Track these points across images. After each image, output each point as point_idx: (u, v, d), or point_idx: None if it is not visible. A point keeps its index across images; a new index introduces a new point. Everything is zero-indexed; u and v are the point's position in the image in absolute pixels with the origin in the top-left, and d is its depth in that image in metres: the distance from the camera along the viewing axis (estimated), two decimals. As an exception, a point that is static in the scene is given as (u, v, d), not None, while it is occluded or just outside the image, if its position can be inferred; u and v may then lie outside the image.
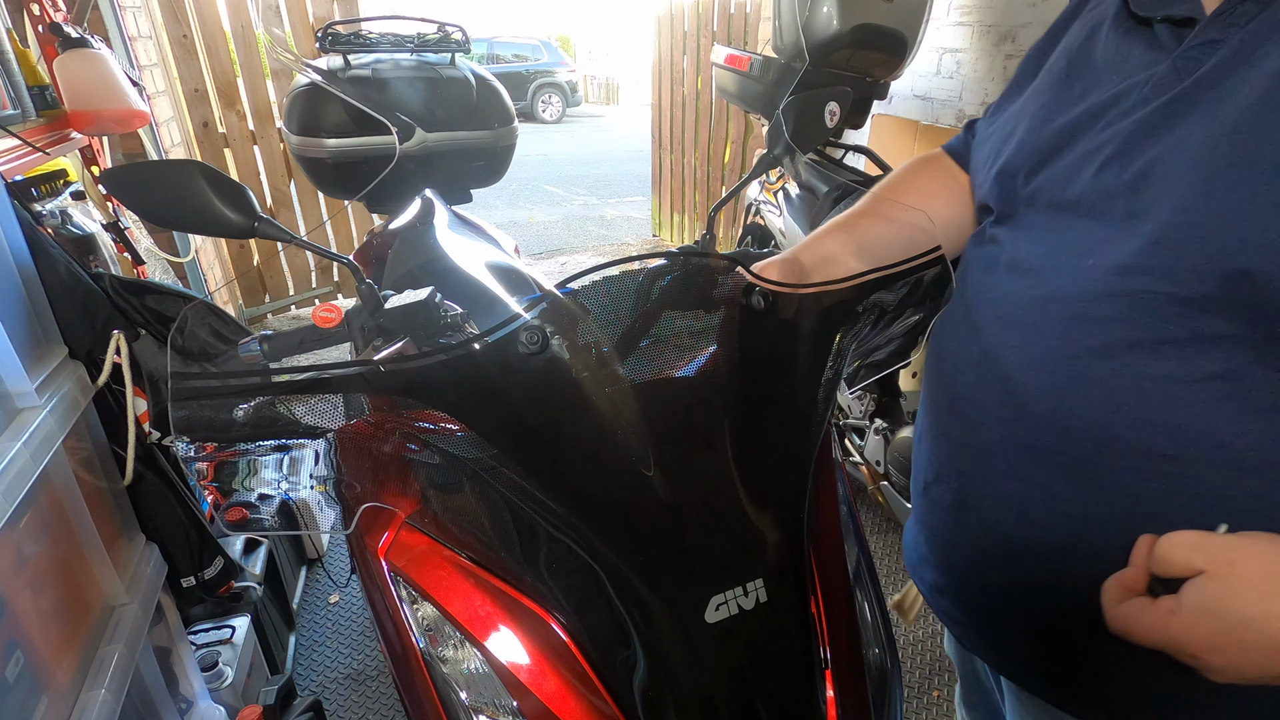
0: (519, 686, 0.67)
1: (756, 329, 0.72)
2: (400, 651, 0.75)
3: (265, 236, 0.77)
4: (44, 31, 1.67)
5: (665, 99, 4.57)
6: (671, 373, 0.73)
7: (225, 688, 1.27)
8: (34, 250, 0.91)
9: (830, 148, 2.42)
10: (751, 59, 2.20)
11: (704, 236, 0.93)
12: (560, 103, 12.78)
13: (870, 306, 0.77)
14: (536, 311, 0.64)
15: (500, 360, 0.64)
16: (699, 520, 0.66)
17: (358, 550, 0.84)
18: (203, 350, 0.74)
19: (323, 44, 1.78)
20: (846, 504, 0.87)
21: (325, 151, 1.78)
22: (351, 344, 0.87)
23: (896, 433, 1.85)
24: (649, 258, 0.74)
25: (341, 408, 0.72)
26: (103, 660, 0.89)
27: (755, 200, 2.43)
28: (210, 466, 0.73)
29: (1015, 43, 2.24)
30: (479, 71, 1.95)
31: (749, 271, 0.71)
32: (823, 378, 0.74)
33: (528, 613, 0.70)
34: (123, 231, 1.75)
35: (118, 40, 2.26)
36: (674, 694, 0.64)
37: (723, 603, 0.64)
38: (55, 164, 1.52)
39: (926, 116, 2.65)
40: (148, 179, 0.74)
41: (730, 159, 4.08)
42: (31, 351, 0.85)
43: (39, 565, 0.83)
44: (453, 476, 0.76)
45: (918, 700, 1.64)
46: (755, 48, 3.50)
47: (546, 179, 7.45)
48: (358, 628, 1.83)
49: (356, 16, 3.22)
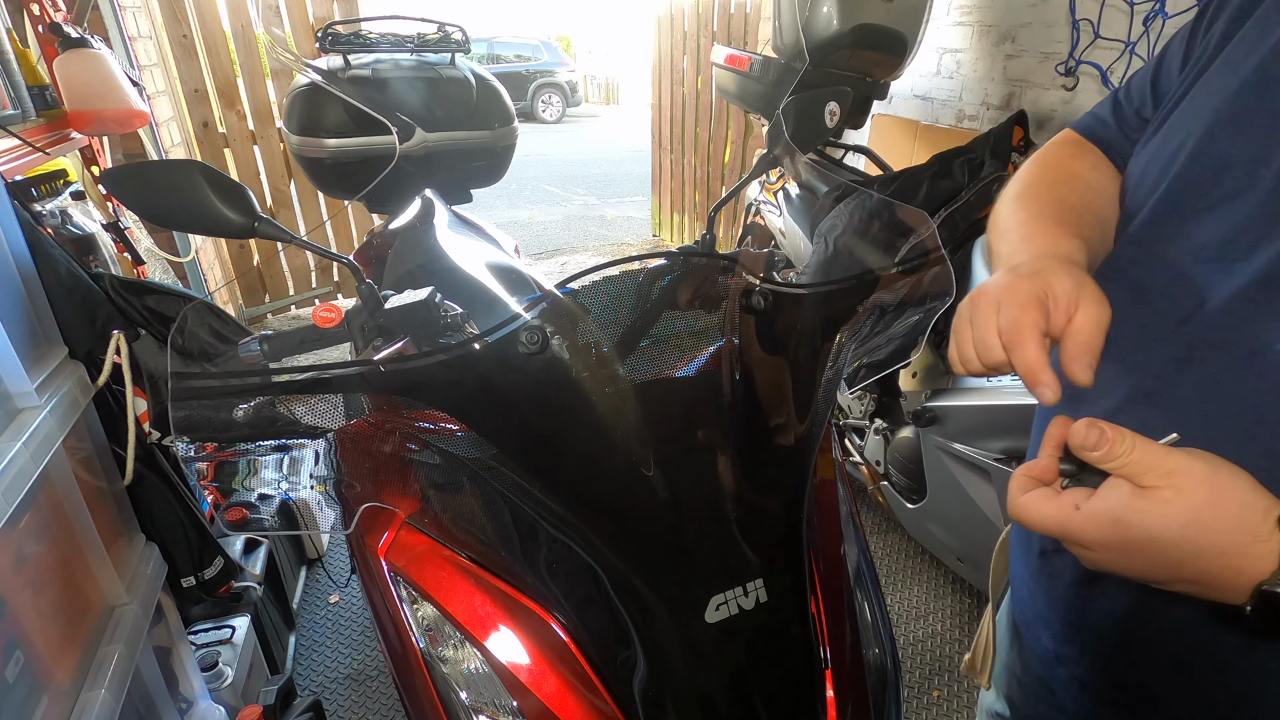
0: (519, 686, 0.67)
1: (756, 329, 0.72)
2: (400, 651, 0.75)
3: (265, 236, 0.77)
4: (44, 31, 1.67)
5: (665, 99, 4.56)
6: (671, 373, 0.73)
7: (225, 688, 1.27)
8: (34, 250, 0.91)
9: (830, 148, 2.42)
10: (751, 59, 2.21)
11: (704, 236, 0.93)
12: (560, 103, 12.77)
13: (870, 306, 0.77)
14: (536, 311, 0.65)
15: (500, 360, 0.64)
16: (699, 520, 0.66)
17: (358, 550, 0.84)
18: (203, 350, 0.74)
19: (323, 44, 1.78)
20: (846, 504, 0.87)
21: (325, 151, 1.78)
22: (351, 344, 0.87)
23: (896, 433, 1.85)
24: (649, 258, 0.74)
25: (341, 408, 0.72)
26: (103, 660, 0.89)
27: (755, 200, 2.43)
28: (210, 466, 0.73)
29: (1015, 43, 2.24)
30: (479, 71, 1.95)
31: (749, 272, 0.72)
32: (823, 378, 0.73)
33: (528, 613, 0.70)
34: (123, 231, 1.75)
35: (118, 40, 2.26)
36: (674, 694, 0.64)
37: (723, 603, 0.64)
38: (55, 164, 1.52)
39: (926, 116, 2.65)
40: (148, 179, 0.75)
41: (730, 159, 4.08)
42: (31, 351, 0.85)
43: (39, 565, 0.83)
44: (453, 476, 0.77)
45: (918, 700, 1.64)
46: (755, 48, 3.50)
47: (546, 179, 7.45)
48: (358, 628, 1.83)
49: (356, 16, 3.21)
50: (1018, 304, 0.51)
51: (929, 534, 1.82)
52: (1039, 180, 0.70)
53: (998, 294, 0.53)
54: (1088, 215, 0.65)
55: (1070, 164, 0.71)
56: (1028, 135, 1.67)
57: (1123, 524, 0.42)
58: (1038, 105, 2.19)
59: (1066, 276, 0.52)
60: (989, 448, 1.49)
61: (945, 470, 1.63)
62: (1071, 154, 0.72)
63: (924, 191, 1.70)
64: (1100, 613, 0.63)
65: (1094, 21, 1.97)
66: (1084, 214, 0.65)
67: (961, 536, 1.70)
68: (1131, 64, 1.91)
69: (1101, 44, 1.97)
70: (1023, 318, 0.50)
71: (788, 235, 2.17)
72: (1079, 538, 0.44)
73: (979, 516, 1.56)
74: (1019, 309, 0.51)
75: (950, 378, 1.62)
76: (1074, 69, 2.05)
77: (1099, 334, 0.50)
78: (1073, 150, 0.73)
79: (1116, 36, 1.93)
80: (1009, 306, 0.51)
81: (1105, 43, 1.96)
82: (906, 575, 2.01)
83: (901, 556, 2.08)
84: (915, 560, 2.06)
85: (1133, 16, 1.88)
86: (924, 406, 1.63)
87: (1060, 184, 0.68)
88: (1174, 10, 1.78)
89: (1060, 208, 0.65)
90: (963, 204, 1.62)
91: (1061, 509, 0.45)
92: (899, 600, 1.92)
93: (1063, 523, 0.45)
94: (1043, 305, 0.51)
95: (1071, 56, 2.05)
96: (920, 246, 0.77)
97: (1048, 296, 0.51)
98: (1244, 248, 0.51)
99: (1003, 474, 1.46)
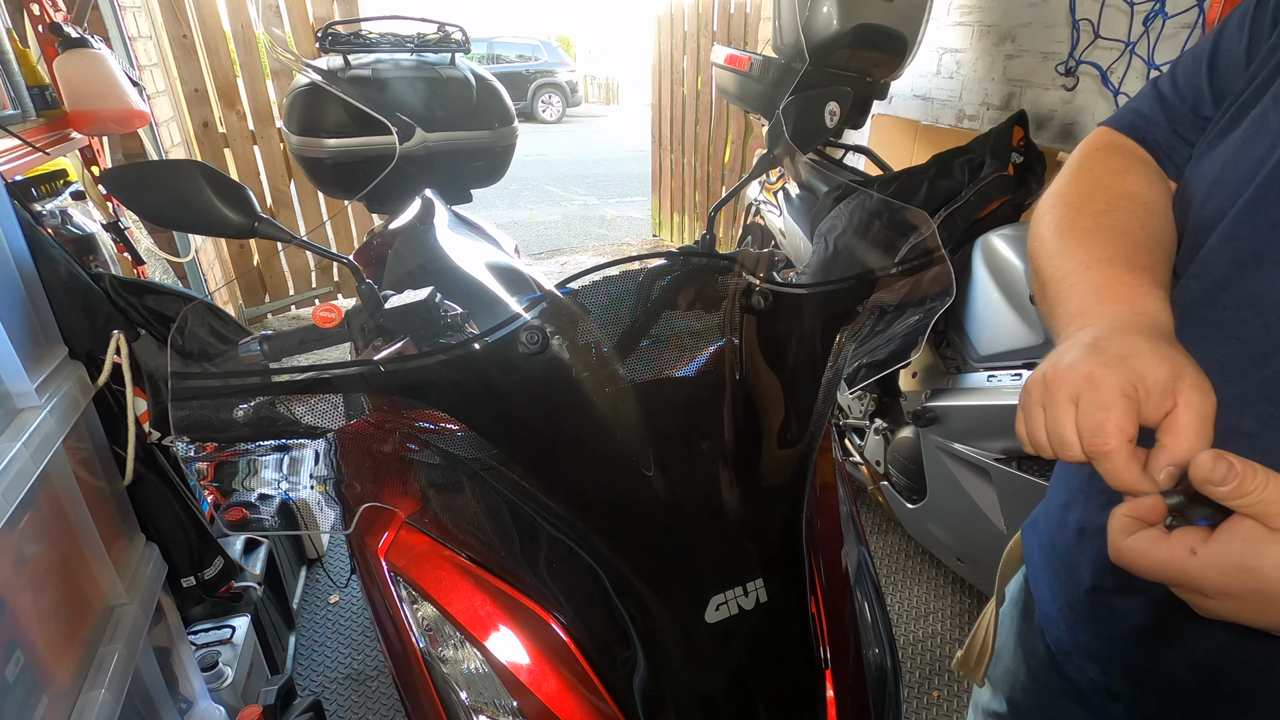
0: (519, 686, 0.67)
1: (757, 329, 0.72)
2: (400, 651, 0.75)
3: (265, 236, 0.77)
4: (44, 31, 1.67)
5: (665, 99, 4.57)
6: (671, 373, 0.73)
7: (225, 688, 1.27)
8: (34, 250, 0.91)
9: (830, 148, 2.42)
10: (751, 59, 2.21)
11: (704, 236, 0.93)
12: (560, 103, 12.78)
13: (870, 307, 0.77)
14: (536, 311, 0.65)
15: (500, 360, 0.64)
16: (699, 520, 0.66)
17: (358, 550, 0.84)
18: (203, 350, 0.74)
19: (323, 44, 1.78)
20: (846, 504, 0.87)
21: (325, 151, 1.78)
22: (351, 344, 0.87)
23: (896, 433, 1.85)
24: (649, 258, 0.74)
25: (341, 408, 0.72)
26: (103, 660, 0.89)
27: (755, 200, 2.43)
28: (210, 466, 0.73)
29: (1015, 43, 2.24)
30: (479, 71, 1.95)
31: (749, 272, 0.71)
32: (823, 378, 0.73)
33: (528, 613, 0.70)
34: (123, 231, 1.75)
35: (118, 40, 2.26)
36: (674, 694, 0.64)
37: (723, 603, 0.64)
38: (55, 164, 1.52)
39: (926, 116, 2.65)
40: (148, 179, 0.75)
41: (730, 159, 4.08)
42: (31, 351, 0.85)
43: (39, 565, 0.83)
44: (453, 476, 0.77)
45: (918, 700, 1.64)
46: (755, 48, 3.50)
47: (546, 179, 7.45)
48: (358, 628, 1.83)
49: (356, 16, 3.22)
50: (1101, 403, 0.43)
51: (929, 534, 1.82)
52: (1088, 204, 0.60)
53: (1076, 384, 0.44)
54: (1158, 252, 0.55)
55: (1123, 181, 0.61)
56: (1028, 135, 1.67)
57: (1254, 572, 0.37)
58: (1038, 105, 2.20)
59: (1160, 363, 0.43)
60: (989, 448, 1.49)
61: (945, 470, 1.63)
62: (1121, 166, 0.62)
63: (924, 191, 1.70)
64: (1177, 662, 0.56)
65: (1094, 21, 1.97)
66: (1154, 251, 0.55)
67: (961, 536, 1.70)
68: (1131, 64, 1.91)
69: (1101, 44, 1.97)
70: (1108, 422, 0.42)
71: (788, 235, 2.17)
72: (1199, 586, 0.40)
73: (979, 516, 1.56)
74: (1103, 411, 0.43)
75: (950, 378, 1.62)
76: (1074, 69, 2.05)
77: (1206, 430, 0.41)
78: (1121, 162, 0.63)
79: (1116, 36, 1.93)
80: (1089, 405, 0.43)
81: (1105, 43, 1.96)
82: (906, 575, 2.01)
83: (901, 556, 2.08)
84: (915, 560, 2.06)
85: (1133, 16, 1.88)
86: (924, 406, 1.63)
87: (1116, 209, 0.58)
88: (1174, 10, 1.78)
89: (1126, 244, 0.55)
90: (963, 204, 1.62)
91: (1175, 554, 0.40)
92: (899, 600, 1.92)
93: (1179, 570, 0.39)
94: (1132, 401, 0.43)
95: (1071, 56, 2.05)
96: (920, 246, 0.77)
97: (1137, 389, 0.43)
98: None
99: (1003, 474, 1.46)
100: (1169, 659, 0.57)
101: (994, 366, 1.50)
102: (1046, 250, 0.59)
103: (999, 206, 1.62)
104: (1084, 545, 0.62)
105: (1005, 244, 1.51)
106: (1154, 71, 1.86)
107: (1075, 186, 0.62)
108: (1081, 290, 0.53)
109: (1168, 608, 0.54)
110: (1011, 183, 1.62)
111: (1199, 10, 1.73)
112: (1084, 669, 0.66)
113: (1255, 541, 0.37)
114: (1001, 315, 1.48)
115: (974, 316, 1.56)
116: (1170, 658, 0.56)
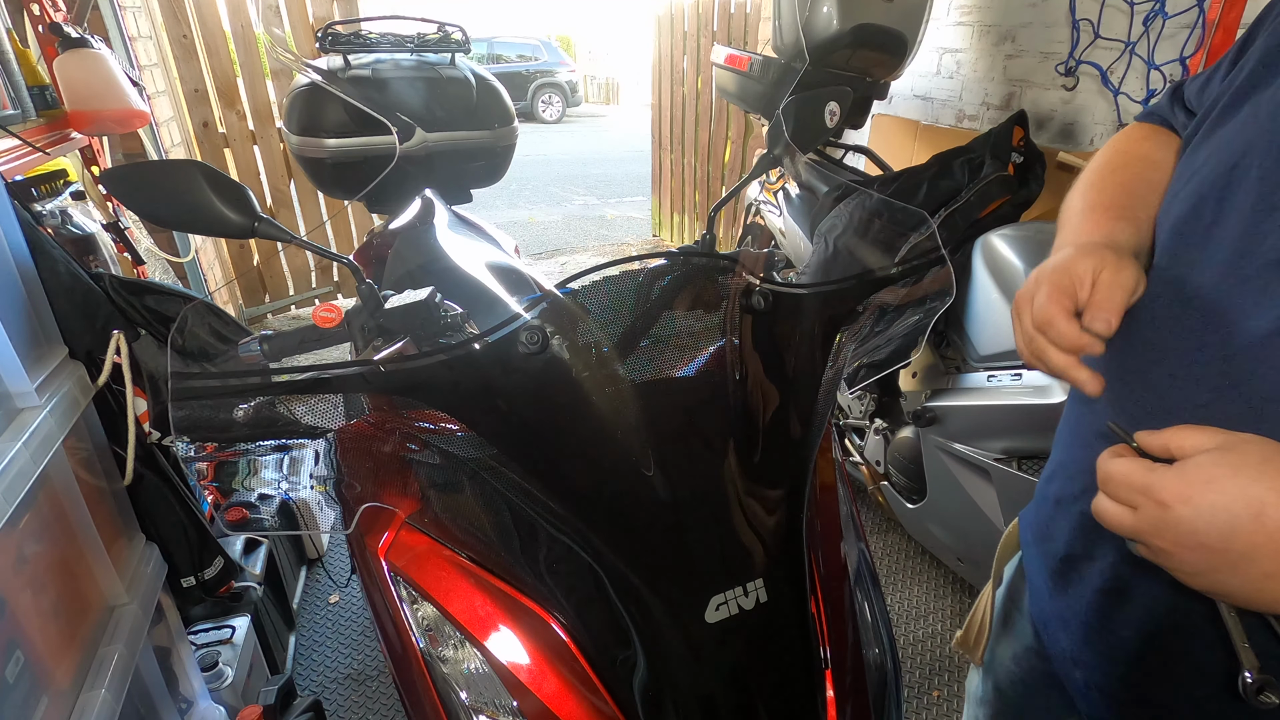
0: (519, 686, 0.67)
1: (756, 329, 0.72)
2: (400, 651, 0.75)
3: (265, 236, 0.77)
4: (44, 31, 1.67)
5: (665, 99, 4.56)
6: (671, 373, 0.73)
7: (225, 688, 1.27)
8: (34, 250, 0.91)
9: (830, 148, 2.42)
10: (751, 59, 2.21)
11: (704, 236, 0.93)
12: (560, 103, 12.77)
13: (870, 307, 0.77)
14: (536, 311, 0.65)
15: (500, 360, 0.64)
16: (699, 520, 0.66)
17: (358, 550, 0.84)
18: (203, 350, 0.74)
19: (323, 44, 1.78)
20: (846, 504, 0.87)
21: (325, 151, 1.78)
22: (351, 344, 0.87)
23: (896, 433, 1.85)
24: (649, 258, 0.74)
25: (341, 408, 0.72)
26: (103, 660, 0.89)
27: (755, 200, 2.43)
28: (210, 466, 0.73)
29: (1015, 43, 2.24)
30: (479, 71, 1.95)
31: (749, 272, 0.71)
32: (823, 378, 0.73)
33: (528, 613, 0.70)
34: (123, 231, 1.75)
35: (118, 40, 2.26)
36: (674, 694, 0.64)
37: (723, 603, 0.64)
38: (55, 164, 1.52)
39: (926, 116, 2.66)
40: (148, 179, 0.75)
41: (730, 159, 4.08)
42: (31, 351, 0.85)
43: (39, 565, 0.83)
44: (453, 476, 0.77)
45: (918, 700, 1.64)
46: (755, 48, 3.50)
47: (546, 179, 7.45)
48: (358, 628, 1.83)
49: (356, 16, 3.21)
50: (1043, 292, 0.57)
51: (929, 534, 1.82)
52: (1105, 165, 0.71)
53: (1030, 287, 0.59)
54: (1150, 197, 0.65)
55: (1138, 146, 0.72)
56: (1028, 135, 1.67)
57: (1212, 481, 0.41)
58: (1038, 105, 2.20)
59: (1086, 258, 0.56)
60: (989, 448, 1.49)
61: (945, 470, 1.63)
62: (1142, 135, 0.73)
63: (924, 191, 1.69)
64: (1125, 623, 0.62)
65: (1094, 21, 1.97)
66: (1147, 196, 0.65)
67: (961, 536, 1.70)
68: (1131, 64, 1.91)
69: (1101, 44, 1.97)
70: (1050, 305, 0.55)
71: (788, 235, 2.17)
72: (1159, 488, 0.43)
73: (979, 516, 1.56)
74: (1044, 296, 0.56)
75: (950, 378, 1.62)
76: (1074, 69, 2.06)
77: (1117, 291, 0.53)
78: (1144, 132, 0.74)
79: (1116, 36, 1.93)
80: (1039, 299, 0.57)
81: (1105, 43, 1.96)
82: (906, 575, 2.01)
83: (901, 556, 2.08)
84: (915, 560, 2.06)
85: (1133, 16, 1.88)
86: (924, 406, 1.63)
87: (1124, 167, 0.70)
88: (1174, 10, 1.78)
89: (1119, 192, 0.66)
90: (963, 204, 1.62)
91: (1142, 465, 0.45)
92: (899, 600, 1.92)
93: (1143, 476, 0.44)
94: (1069, 290, 0.55)
95: (1071, 56, 2.05)
96: (920, 246, 0.77)
97: (1070, 278, 0.55)
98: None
99: (1003, 474, 1.46)
100: (1119, 620, 0.62)
101: (994, 366, 1.50)
102: (1064, 205, 0.71)
103: (999, 206, 1.62)
104: (1060, 514, 0.69)
105: (1005, 244, 1.51)
106: (1154, 71, 1.86)
107: (1100, 156, 0.74)
108: (1067, 230, 0.66)
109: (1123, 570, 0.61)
110: (1012, 183, 1.62)
111: (1199, 10, 1.73)
112: (1057, 639, 0.71)
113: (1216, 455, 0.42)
114: (1001, 315, 1.48)
115: (974, 316, 1.56)
116: (1120, 618, 0.62)
